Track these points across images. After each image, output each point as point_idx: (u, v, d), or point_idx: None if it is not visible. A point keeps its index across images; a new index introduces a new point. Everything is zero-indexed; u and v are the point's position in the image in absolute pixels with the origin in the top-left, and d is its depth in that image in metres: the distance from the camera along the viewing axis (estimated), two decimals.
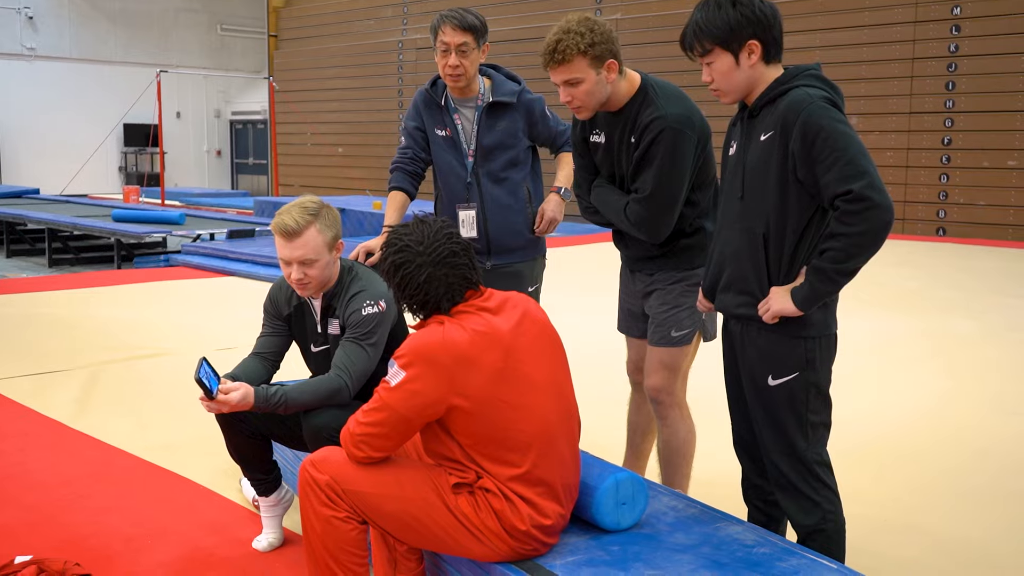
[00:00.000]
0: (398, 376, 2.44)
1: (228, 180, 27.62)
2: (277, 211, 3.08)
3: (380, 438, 2.49)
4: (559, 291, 5.05)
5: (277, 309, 3.27)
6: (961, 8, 13.15)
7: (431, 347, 2.44)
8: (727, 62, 2.59)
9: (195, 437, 4.41)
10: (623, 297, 3.48)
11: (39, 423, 4.73)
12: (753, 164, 2.61)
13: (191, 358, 5.72)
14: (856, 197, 2.37)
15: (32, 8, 23.72)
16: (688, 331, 3.24)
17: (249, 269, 9.89)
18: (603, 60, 3.00)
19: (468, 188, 3.74)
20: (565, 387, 2.66)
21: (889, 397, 5.31)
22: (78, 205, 15.68)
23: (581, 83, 3.01)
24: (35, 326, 7.22)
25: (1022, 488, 3.96)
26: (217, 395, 2.82)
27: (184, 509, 3.63)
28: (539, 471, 2.51)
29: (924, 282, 9.36)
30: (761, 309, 2.59)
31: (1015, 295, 8.53)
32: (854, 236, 2.39)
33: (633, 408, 3.58)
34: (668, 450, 3.34)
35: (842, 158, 2.40)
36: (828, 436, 2.73)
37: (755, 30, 2.55)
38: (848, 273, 2.45)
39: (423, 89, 3.81)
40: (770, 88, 2.58)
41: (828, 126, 2.43)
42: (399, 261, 2.54)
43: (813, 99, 2.47)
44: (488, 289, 2.64)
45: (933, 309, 7.86)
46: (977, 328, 7.15)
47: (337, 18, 22.16)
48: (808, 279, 2.49)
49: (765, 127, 2.57)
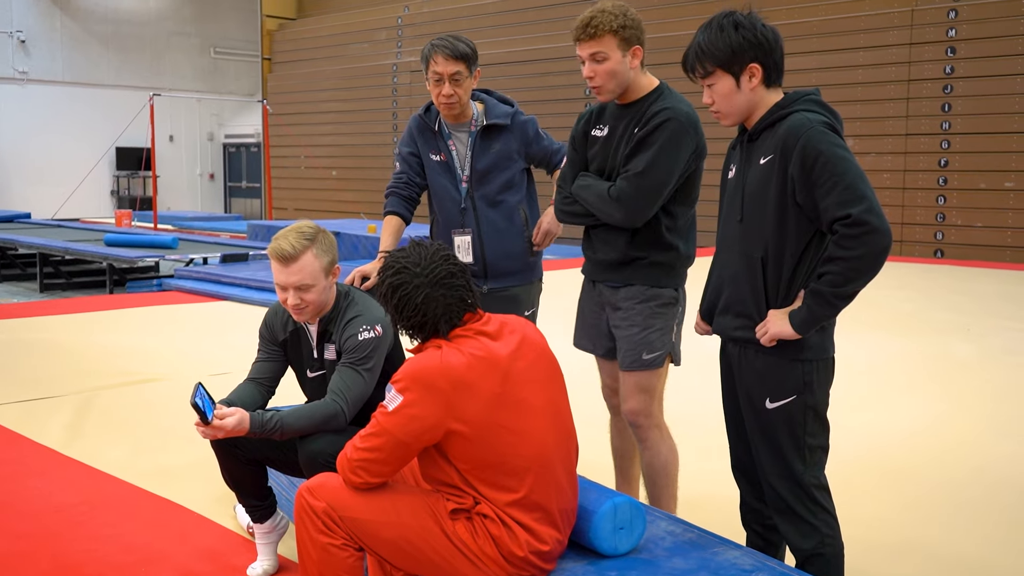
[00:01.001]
0: (395, 401, 2.46)
1: (221, 204, 27.66)
2: (273, 236, 3.10)
3: (378, 463, 2.50)
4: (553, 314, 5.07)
5: (273, 334, 3.28)
6: (956, 30, 13.25)
7: (429, 372, 2.45)
8: (728, 84, 2.62)
9: (189, 463, 4.41)
10: (583, 310, 3.50)
11: (31, 450, 4.72)
12: (752, 188, 2.64)
13: (184, 384, 5.73)
14: (855, 221, 2.40)
15: (24, 32, 23.82)
16: (660, 353, 3.26)
17: (243, 294, 9.90)
18: (630, 44, 3.13)
19: (463, 213, 3.77)
20: (563, 411, 2.67)
21: (884, 418, 5.33)
22: (70, 229, 15.69)
23: (606, 60, 3.13)
24: (27, 352, 7.22)
25: (1016, 505, 3.98)
26: (212, 420, 2.83)
27: (178, 536, 3.63)
28: (536, 496, 2.52)
29: (921, 304, 9.39)
30: (759, 332, 2.61)
31: (1013, 318, 8.55)
32: (852, 260, 2.42)
33: (615, 433, 3.59)
34: (651, 471, 3.36)
35: (841, 182, 2.43)
36: (826, 460, 2.75)
37: (756, 53, 2.59)
38: (846, 297, 2.48)
39: (417, 115, 3.85)
40: (770, 112, 2.62)
41: (827, 151, 2.46)
42: (396, 283, 2.56)
43: (812, 124, 2.51)
44: (486, 313, 2.66)
45: (930, 331, 7.89)
46: (974, 351, 7.17)
47: (331, 41, 22.27)
48: (806, 302, 2.52)
49: (764, 151, 2.60)
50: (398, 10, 21.08)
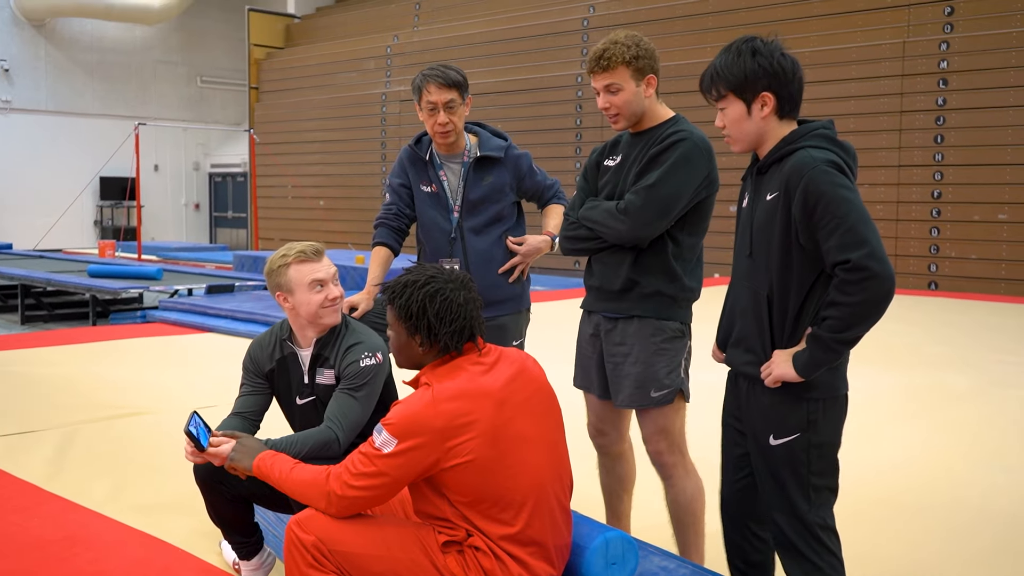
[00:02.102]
0: (390, 444, 2.46)
1: (207, 234, 27.65)
2: (268, 260, 3.16)
3: (369, 501, 2.53)
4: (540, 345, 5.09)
5: (258, 366, 3.29)
6: (948, 62, 13.39)
7: (420, 416, 2.47)
8: (739, 110, 2.62)
9: (173, 498, 4.39)
10: (580, 346, 3.50)
11: (12, 485, 4.70)
12: (760, 223, 2.63)
13: (169, 417, 5.72)
14: (855, 267, 2.38)
15: (8, 60, 23.88)
16: (668, 390, 3.24)
17: (228, 325, 9.87)
18: (644, 73, 3.18)
19: (452, 243, 3.80)
20: (559, 446, 2.69)
21: (877, 450, 5.34)
22: (52, 260, 15.66)
23: (621, 91, 3.18)
24: (7, 385, 7.19)
25: (1005, 534, 3.99)
26: (208, 448, 2.84)
27: (162, 573, 3.61)
28: (532, 531, 2.53)
29: (916, 337, 9.43)
30: (764, 372, 2.60)
31: (1006, 351, 8.60)
32: (852, 306, 2.40)
33: (603, 472, 3.58)
34: (676, 508, 3.35)
35: (842, 225, 2.41)
36: (834, 500, 2.71)
37: (770, 82, 2.58)
38: (847, 343, 2.46)
39: (408, 146, 3.89)
40: (779, 146, 2.60)
41: (829, 191, 2.44)
42: (432, 291, 2.58)
43: (817, 162, 2.48)
44: (487, 344, 2.68)
45: (923, 364, 7.92)
46: (968, 383, 7.21)
47: (319, 70, 22.39)
48: (808, 347, 2.50)
49: (771, 187, 2.60)
50: (387, 39, 21.22)
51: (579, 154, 17.12)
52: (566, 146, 17.31)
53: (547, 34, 18.16)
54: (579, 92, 17.18)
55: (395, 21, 21.97)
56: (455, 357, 2.61)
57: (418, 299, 2.58)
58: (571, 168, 16.84)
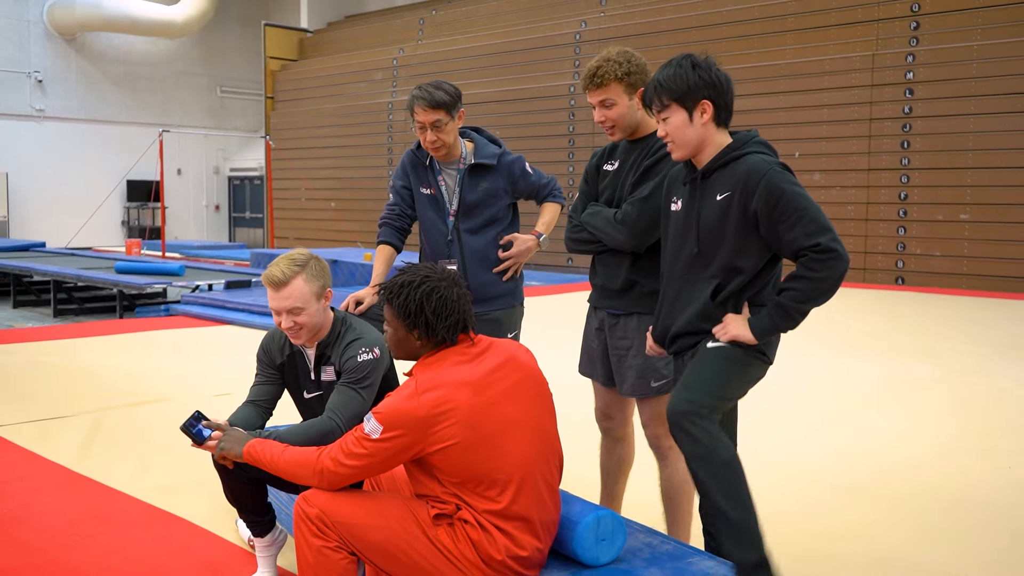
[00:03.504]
0: (377, 432, 2.51)
1: (226, 233, 27.62)
2: (268, 264, 3.11)
3: (358, 476, 2.60)
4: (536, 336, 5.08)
5: (270, 358, 3.28)
6: (914, 73, 13.38)
7: (404, 410, 2.50)
8: (682, 118, 2.71)
9: (193, 480, 4.39)
10: (586, 337, 3.53)
11: (44, 467, 4.70)
12: (709, 221, 2.72)
13: (190, 404, 5.71)
14: (824, 248, 2.54)
15: (42, 72, 23.84)
16: (667, 380, 3.25)
17: (245, 318, 9.87)
18: (636, 88, 3.18)
19: (449, 244, 3.79)
20: (547, 429, 2.69)
21: (850, 436, 5.34)
22: (82, 257, 15.64)
23: (615, 105, 3.19)
24: (40, 374, 7.18)
25: (972, 515, 3.99)
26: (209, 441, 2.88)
27: (182, 549, 3.61)
28: (518, 507, 2.54)
29: (884, 328, 9.43)
30: (718, 331, 2.69)
31: (969, 340, 8.60)
32: (816, 281, 2.56)
33: (604, 454, 3.59)
34: (669, 488, 3.36)
35: (804, 216, 2.56)
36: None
37: (709, 92, 2.69)
38: (803, 313, 2.63)
39: (410, 151, 3.88)
40: (723, 153, 2.70)
41: (788, 189, 2.58)
42: (428, 290, 2.61)
43: (771, 165, 2.61)
44: (478, 335, 2.70)
45: (892, 353, 7.92)
46: (933, 372, 7.21)
47: (330, 81, 22.34)
48: (769, 313, 2.64)
49: (721, 188, 2.69)
50: (393, 52, 21.18)
51: (572, 159, 17.10)
52: (559, 151, 17.28)
53: (541, 47, 18.11)
54: (572, 101, 17.16)
55: (400, 35, 21.92)
56: (447, 348, 2.63)
57: (415, 298, 2.60)
58: (564, 172, 16.82)
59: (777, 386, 4.31)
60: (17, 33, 23.49)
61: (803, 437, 5.29)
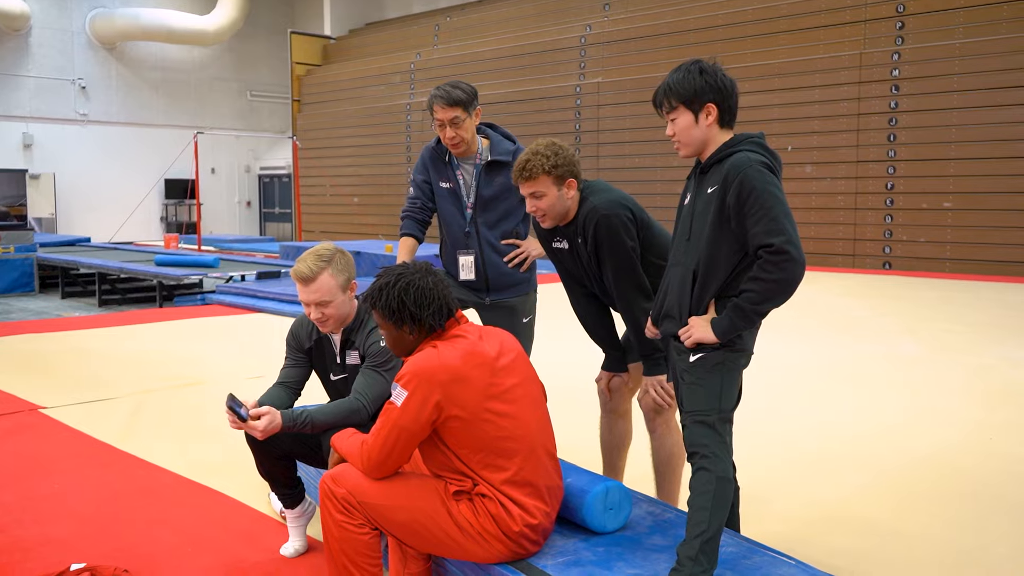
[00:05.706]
0: (402, 396, 2.49)
1: (257, 227, 27.68)
2: (297, 258, 3.12)
3: (394, 458, 2.54)
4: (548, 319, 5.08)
5: (299, 343, 3.29)
6: (899, 70, 13.29)
7: (429, 367, 2.49)
8: (688, 119, 2.68)
9: (229, 457, 4.42)
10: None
11: (91, 446, 4.73)
12: (699, 212, 2.70)
13: (225, 387, 5.75)
14: (776, 250, 2.45)
15: (85, 79, 23.90)
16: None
17: (275, 307, 9.90)
18: (564, 179, 3.12)
19: (467, 236, 3.78)
20: (540, 402, 2.72)
21: (839, 412, 5.33)
22: (125, 251, 15.70)
23: (544, 196, 3.13)
24: (86, 359, 7.23)
25: (956, 484, 3.98)
26: (248, 420, 2.88)
27: (220, 521, 3.64)
28: (525, 473, 2.55)
29: (872, 310, 9.40)
30: (683, 334, 2.66)
31: (952, 321, 8.56)
32: (770, 283, 2.48)
33: (605, 429, 3.58)
34: (658, 459, 3.36)
35: (767, 215, 2.48)
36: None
37: (715, 96, 2.65)
38: (761, 314, 2.55)
39: (430, 146, 3.86)
40: (720, 149, 2.68)
41: (760, 187, 2.51)
42: (404, 285, 2.60)
43: (752, 162, 2.56)
44: (468, 323, 2.70)
45: (880, 334, 7.89)
46: (919, 351, 7.18)
47: (352, 84, 22.33)
48: (728, 314, 2.57)
49: (712, 182, 2.67)
50: (410, 56, 21.14)
51: (578, 155, 17.06)
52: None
53: (549, 50, 18.04)
54: (578, 101, 17.10)
55: (418, 40, 21.87)
56: (441, 333, 2.62)
57: (395, 295, 2.59)
58: None
59: (769, 364, 4.29)
60: (62, 43, 23.55)
61: (794, 414, 5.29)
